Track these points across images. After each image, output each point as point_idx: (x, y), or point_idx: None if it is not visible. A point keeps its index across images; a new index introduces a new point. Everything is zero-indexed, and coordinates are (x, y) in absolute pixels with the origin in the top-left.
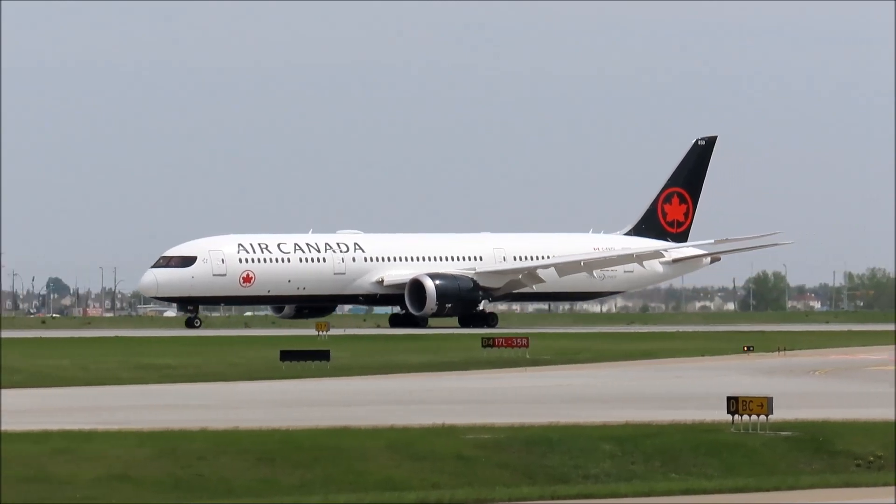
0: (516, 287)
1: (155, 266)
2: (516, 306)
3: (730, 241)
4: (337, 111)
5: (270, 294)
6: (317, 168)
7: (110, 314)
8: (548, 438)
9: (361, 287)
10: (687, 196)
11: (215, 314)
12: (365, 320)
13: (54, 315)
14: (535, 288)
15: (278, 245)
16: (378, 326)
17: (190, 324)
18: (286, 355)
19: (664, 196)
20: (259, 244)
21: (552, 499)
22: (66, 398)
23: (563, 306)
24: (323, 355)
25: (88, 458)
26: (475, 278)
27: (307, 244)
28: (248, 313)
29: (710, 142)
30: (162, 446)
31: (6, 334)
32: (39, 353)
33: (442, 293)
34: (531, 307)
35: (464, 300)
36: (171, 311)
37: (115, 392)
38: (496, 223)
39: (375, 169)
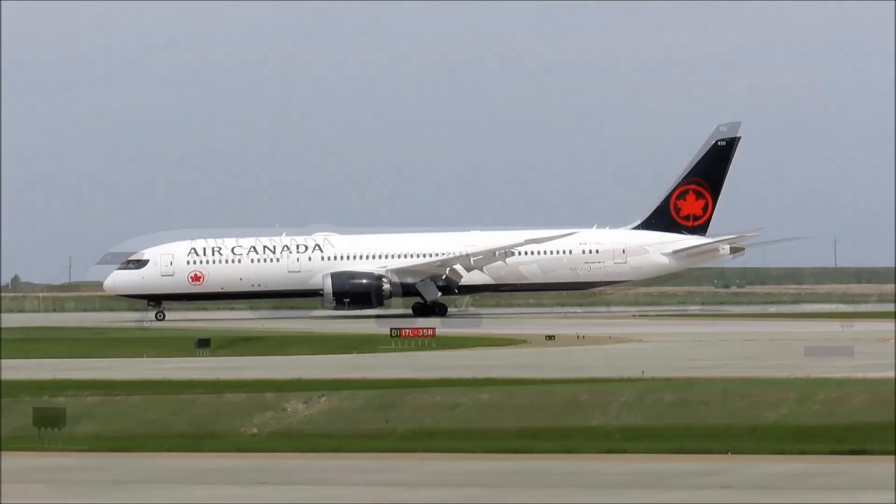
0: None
1: (120, 268)
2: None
3: (731, 240)
4: (332, 108)
5: (224, 291)
6: (305, 162)
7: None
8: None
9: (319, 283)
10: (706, 189)
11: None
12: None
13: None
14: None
15: (232, 249)
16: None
17: (155, 318)
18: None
19: (680, 190)
20: (213, 247)
21: None
22: None
23: None
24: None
25: None
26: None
27: (265, 247)
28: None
29: (733, 129)
30: None
31: None
32: None
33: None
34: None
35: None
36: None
37: None
38: (506, 218)
39: (375, 164)
